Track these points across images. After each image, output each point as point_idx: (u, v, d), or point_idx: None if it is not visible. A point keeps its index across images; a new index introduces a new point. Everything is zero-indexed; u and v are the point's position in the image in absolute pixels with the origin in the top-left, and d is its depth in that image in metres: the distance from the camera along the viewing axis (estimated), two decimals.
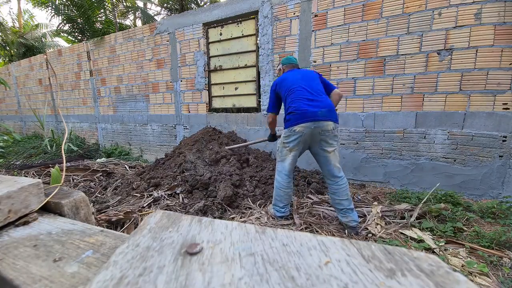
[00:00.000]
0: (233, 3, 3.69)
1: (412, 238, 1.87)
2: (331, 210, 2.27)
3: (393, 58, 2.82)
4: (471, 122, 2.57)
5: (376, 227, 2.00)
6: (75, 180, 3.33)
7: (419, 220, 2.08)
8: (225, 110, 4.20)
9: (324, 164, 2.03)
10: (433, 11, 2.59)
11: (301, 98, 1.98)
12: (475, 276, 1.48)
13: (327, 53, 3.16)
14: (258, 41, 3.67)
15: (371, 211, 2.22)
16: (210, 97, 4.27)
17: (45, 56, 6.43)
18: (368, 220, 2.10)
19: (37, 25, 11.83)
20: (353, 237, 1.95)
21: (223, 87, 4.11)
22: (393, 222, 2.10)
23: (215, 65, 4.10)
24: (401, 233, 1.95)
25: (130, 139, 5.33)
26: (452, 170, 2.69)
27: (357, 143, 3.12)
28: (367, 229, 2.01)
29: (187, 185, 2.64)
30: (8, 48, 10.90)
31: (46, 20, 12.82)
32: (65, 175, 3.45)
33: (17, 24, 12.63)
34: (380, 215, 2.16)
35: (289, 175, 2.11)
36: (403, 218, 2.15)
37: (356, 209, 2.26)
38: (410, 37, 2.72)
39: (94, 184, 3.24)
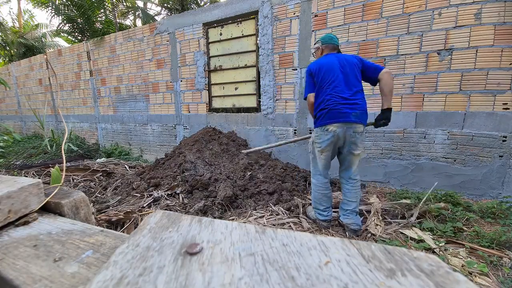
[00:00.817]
0: (233, 3, 3.69)
1: (412, 238, 1.87)
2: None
3: (393, 58, 2.82)
4: (471, 122, 2.57)
5: (376, 228, 2.00)
6: (75, 180, 3.33)
7: (419, 220, 2.08)
8: (225, 110, 4.20)
9: (346, 166, 2.01)
10: (433, 11, 2.59)
11: (336, 95, 1.87)
12: (475, 276, 1.48)
13: None
14: (258, 41, 3.67)
15: (372, 205, 2.22)
16: (210, 97, 4.27)
17: (45, 56, 6.43)
18: (368, 221, 2.10)
19: (37, 25, 11.83)
20: (353, 237, 1.95)
21: (223, 87, 4.11)
22: (393, 222, 2.10)
23: (215, 65, 4.11)
24: (401, 233, 1.95)
25: (130, 139, 5.33)
26: (452, 170, 2.69)
27: None
28: (367, 229, 2.01)
29: (187, 185, 2.64)
30: (8, 48, 10.91)
31: (46, 20, 12.83)
32: (65, 175, 3.45)
33: (17, 24, 12.64)
34: (380, 213, 2.16)
35: (324, 176, 2.03)
36: (403, 218, 2.15)
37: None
38: (410, 37, 2.72)
39: (94, 184, 3.24)
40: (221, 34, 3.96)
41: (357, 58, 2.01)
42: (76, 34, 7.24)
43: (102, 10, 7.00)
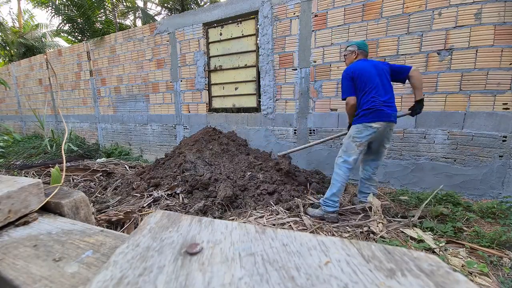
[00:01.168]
0: (233, 3, 3.69)
1: (412, 238, 1.87)
2: None
3: (393, 58, 2.82)
4: (471, 122, 2.57)
5: (377, 226, 2.00)
6: (75, 180, 3.33)
7: (419, 220, 2.08)
8: (225, 110, 4.20)
9: (377, 156, 2.29)
10: (433, 11, 2.59)
11: (379, 97, 2.08)
12: (475, 276, 1.48)
13: (327, 53, 3.16)
14: (258, 41, 3.67)
15: (372, 204, 2.23)
16: (210, 97, 4.27)
17: (45, 56, 6.43)
18: (371, 218, 2.10)
19: (37, 25, 11.83)
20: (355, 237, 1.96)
21: (223, 87, 4.11)
22: (394, 220, 2.10)
23: (215, 65, 4.11)
24: (402, 232, 1.95)
25: (130, 139, 5.33)
26: (452, 170, 2.69)
27: None
28: (369, 227, 2.00)
29: (187, 185, 2.64)
30: (8, 48, 10.90)
31: (46, 20, 12.82)
32: (65, 175, 3.45)
33: (17, 24, 12.63)
34: (380, 211, 2.15)
35: (351, 169, 2.17)
36: (404, 217, 2.15)
37: (357, 207, 2.28)
38: (410, 37, 2.72)
39: (94, 184, 3.24)
40: (221, 34, 3.96)
41: (386, 64, 2.24)
42: (76, 34, 7.23)
43: (102, 10, 7.00)
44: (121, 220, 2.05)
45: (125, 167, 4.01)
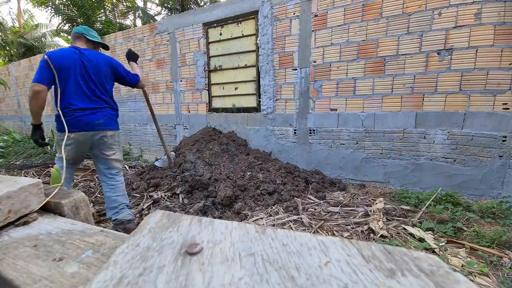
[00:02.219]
0: (233, 3, 3.68)
1: (412, 235, 1.86)
2: (330, 211, 2.27)
3: (393, 58, 2.82)
4: (471, 122, 2.57)
5: (377, 223, 2.00)
6: (75, 180, 3.32)
7: (419, 220, 2.08)
8: (225, 110, 4.20)
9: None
10: (433, 11, 2.59)
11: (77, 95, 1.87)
12: (475, 276, 1.48)
13: (327, 53, 3.16)
14: (258, 41, 3.67)
15: (375, 206, 2.22)
16: (210, 97, 4.27)
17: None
18: (370, 218, 2.10)
19: (37, 25, 11.84)
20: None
21: (223, 87, 4.10)
22: (395, 219, 2.10)
23: (215, 65, 4.10)
24: (403, 231, 1.95)
25: (130, 139, 5.32)
26: (452, 170, 2.69)
27: (357, 143, 3.12)
28: (368, 225, 2.00)
29: (187, 185, 2.64)
30: (8, 48, 10.91)
31: (46, 20, 12.82)
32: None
33: (17, 24, 12.64)
34: (382, 212, 2.15)
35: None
36: (404, 217, 2.15)
37: (358, 208, 2.28)
38: (410, 37, 2.72)
39: (94, 184, 3.24)
40: (221, 34, 3.95)
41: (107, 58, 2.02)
42: None
43: (102, 10, 7.00)
44: None
45: (125, 167, 4.01)
